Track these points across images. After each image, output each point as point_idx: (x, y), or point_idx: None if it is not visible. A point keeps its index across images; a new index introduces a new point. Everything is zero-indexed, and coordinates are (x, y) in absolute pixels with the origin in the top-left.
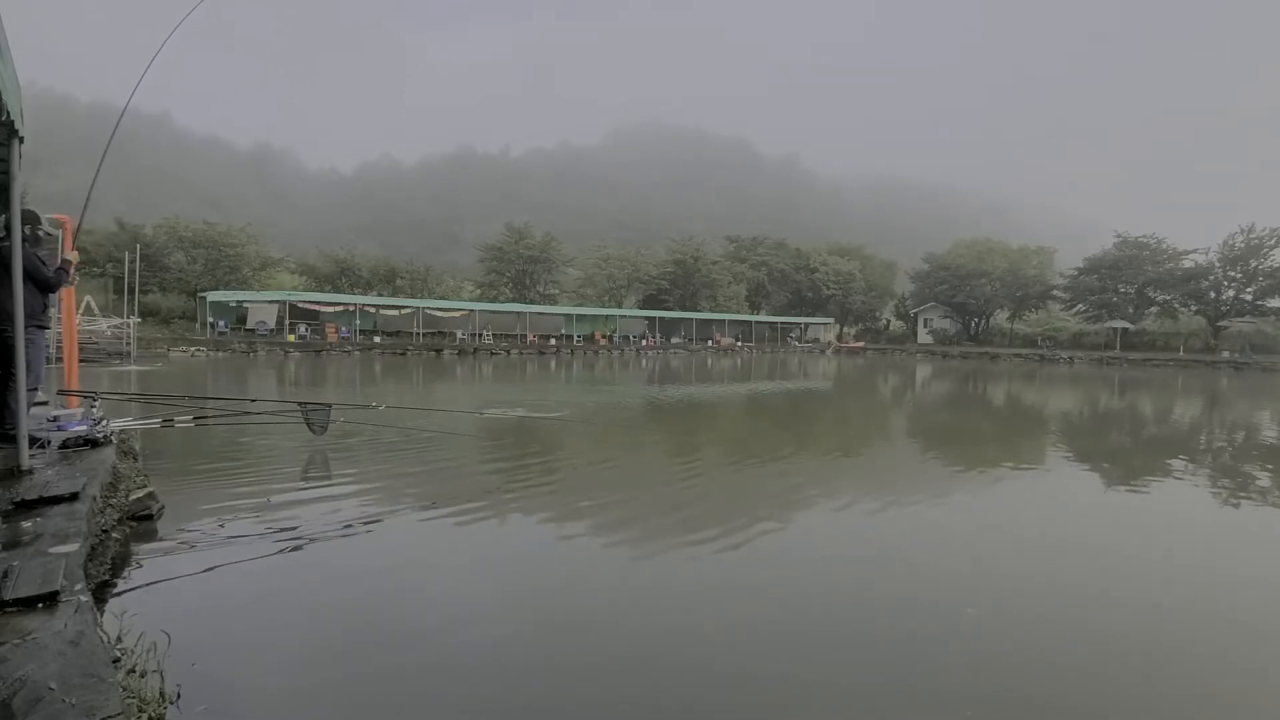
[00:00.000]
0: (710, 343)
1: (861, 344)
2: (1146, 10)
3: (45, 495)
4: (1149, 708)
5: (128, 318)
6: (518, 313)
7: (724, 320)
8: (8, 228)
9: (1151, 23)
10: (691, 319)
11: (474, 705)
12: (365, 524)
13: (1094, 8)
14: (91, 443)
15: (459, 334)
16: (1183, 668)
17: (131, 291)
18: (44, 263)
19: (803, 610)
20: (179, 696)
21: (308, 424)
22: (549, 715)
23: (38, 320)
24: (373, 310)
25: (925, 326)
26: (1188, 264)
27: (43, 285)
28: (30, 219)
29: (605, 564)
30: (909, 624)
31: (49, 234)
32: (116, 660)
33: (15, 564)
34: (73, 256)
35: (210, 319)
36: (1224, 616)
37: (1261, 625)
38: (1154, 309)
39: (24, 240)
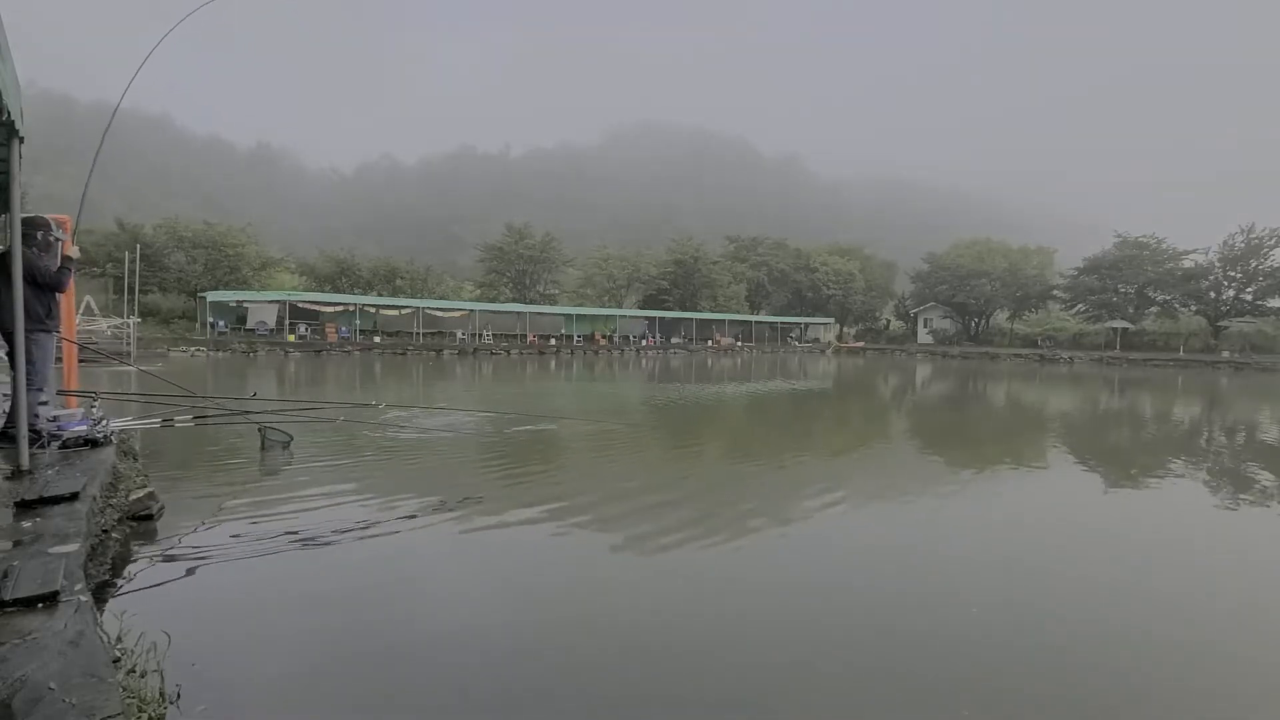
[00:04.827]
0: (710, 343)
1: (861, 344)
2: (1146, 13)
3: (45, 495)
4: (1154, 709)
5: (128, 318)
6: (518, 313)
7: (724, 320)
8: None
9: (1153, 25)
10: (691, 319)
11: (474, 703)
12: (366, 523)
13: (1095, 10)
14: (91, 443)
15: (459, 334)
16: (1186, 667)
17: (131, 291)
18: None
19: (804, 606)
20: (179, 696)
21: (261, 440)
22: (547, 713)
23: (42, 324)
24: (373, 310)
25: (925, 326)
26: (1187, 264)
27: (50, 286)
28: (40, 225)
29: (604, 560)
30: (909, 621)
31: (58, 238)
32: (116, 660)
33: (15, 564)
34: (73, 253)
35: (210, 319)
36: (1233, 615)
37: (1273, 623)
38: (1154, 309)
39: (33, 245)
